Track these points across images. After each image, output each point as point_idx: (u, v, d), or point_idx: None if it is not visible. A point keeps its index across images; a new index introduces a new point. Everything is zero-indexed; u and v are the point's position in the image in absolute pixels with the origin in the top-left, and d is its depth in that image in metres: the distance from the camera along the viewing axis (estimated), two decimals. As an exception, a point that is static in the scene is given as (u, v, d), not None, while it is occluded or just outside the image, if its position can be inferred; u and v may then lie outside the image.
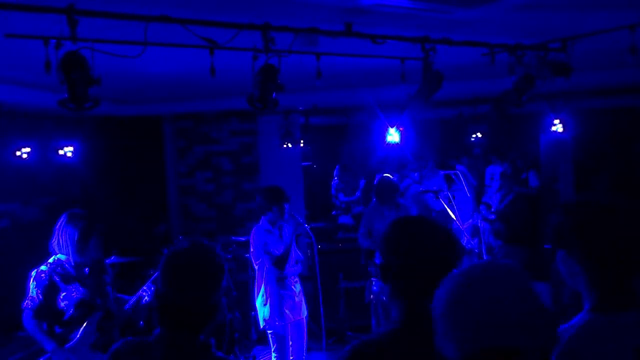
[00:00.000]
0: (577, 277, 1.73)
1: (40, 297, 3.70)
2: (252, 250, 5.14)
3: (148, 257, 6.19)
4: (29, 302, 3.70)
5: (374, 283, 5.96)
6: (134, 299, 4.23)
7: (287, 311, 5.11)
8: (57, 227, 3.83)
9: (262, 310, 5.12)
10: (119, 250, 6.06)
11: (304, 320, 5.31)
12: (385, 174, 6.71)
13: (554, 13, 3.97)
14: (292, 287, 5.20)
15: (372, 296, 5.81)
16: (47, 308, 3.72)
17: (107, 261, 5.69)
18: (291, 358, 5.22)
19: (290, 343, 5.20)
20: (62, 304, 3.76)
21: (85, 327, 3.81)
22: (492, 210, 7.41)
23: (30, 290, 3.72)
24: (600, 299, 1.70)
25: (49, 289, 3.72)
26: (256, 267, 5.17)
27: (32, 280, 3.74)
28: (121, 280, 5.63)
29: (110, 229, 4.79)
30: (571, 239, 1.72)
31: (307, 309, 5.37)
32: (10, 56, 4.35)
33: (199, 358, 2.02)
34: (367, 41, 3.91)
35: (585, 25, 4.25)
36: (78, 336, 3.79)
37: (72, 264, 3.84)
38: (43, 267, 3.77)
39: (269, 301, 5.08)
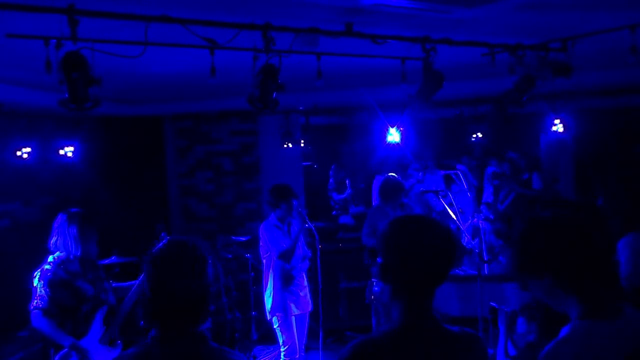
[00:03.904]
0: (557, 295, 1.75)
1: (50, 294, 3.69)
2: (260, 244, 5.33)
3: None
4: (39, 302, 3.68)
5: (375, 283, 5.95)
6: (133, 289, 4.22)
7: (291, 305, 5.27)
8: (56, 225, 3.86)
9: (268, 301, 5.29)
10: (119, 250, 6.07)
11: (307, 316, 5.47)
12: (390, 174, 6.68)
13: (554, 13, 3.96)
14: (298, 281, 5.34)
15: (372, 297, 5.80)
16: (57, 305, 3.72)
17: (106, 261, 5.75)
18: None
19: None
20: (73, 300, 3.77)
21: (95, 321, 3.84)
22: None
23: (38, 290, 3.70)
24: (585, 309, 1.70)
25: (57, 286, 3.73)
26: (264, 261, 5.35)
27: (38, 279, 3.73)
28: (121, 280, 5.62)
29: (110, 229, 4.79)
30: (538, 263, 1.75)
31: (312, 305, 5.52)
32: (11, 56, 4.34)
33: (195, 350, 2.01)
34: (367, 41, 3.91)
35: (585, 25, 4.25)
36: (90, 331, 3.81)
37: (74, 260, 3.86)
38: (47, 266, 3.78)
39: (273, 294, 5.25)
